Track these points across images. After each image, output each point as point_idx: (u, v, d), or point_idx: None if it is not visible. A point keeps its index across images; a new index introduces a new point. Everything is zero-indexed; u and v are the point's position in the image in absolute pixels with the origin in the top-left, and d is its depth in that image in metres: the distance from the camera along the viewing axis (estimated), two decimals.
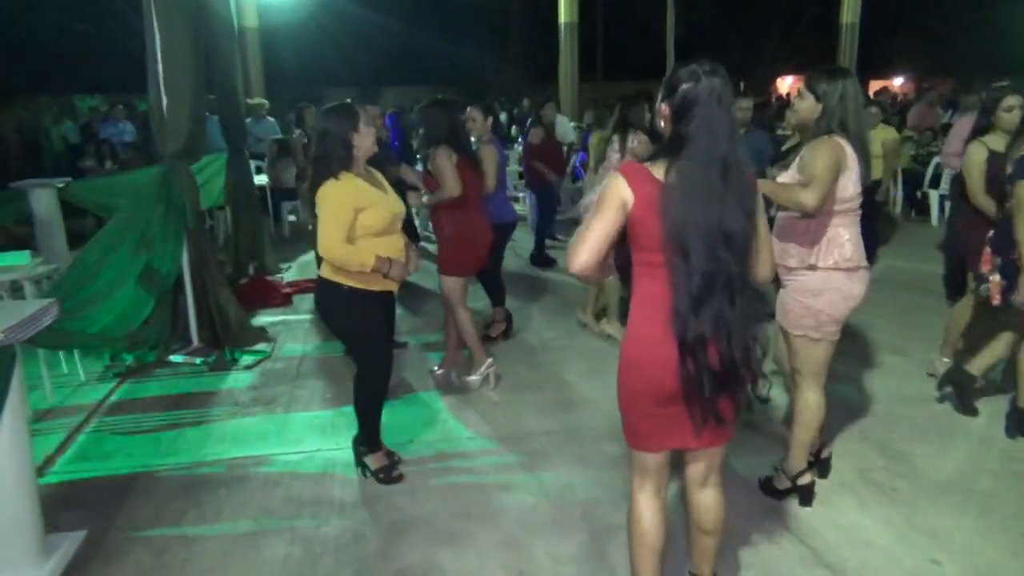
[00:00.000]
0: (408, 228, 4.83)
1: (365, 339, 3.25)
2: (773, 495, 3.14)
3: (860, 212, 2.96)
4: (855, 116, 2.86)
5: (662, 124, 2.08)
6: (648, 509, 2.21)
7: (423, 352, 5.02)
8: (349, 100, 3.38)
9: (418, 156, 7.87)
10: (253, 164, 9.36)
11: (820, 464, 3.27)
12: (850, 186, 2.86)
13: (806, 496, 3.09)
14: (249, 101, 10.38)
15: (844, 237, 2.92)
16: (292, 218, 9.66)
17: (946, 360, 4.32)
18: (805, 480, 3.09)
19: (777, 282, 2.99)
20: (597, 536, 2.91)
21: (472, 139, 4.76)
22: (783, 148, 5.38)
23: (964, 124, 5.59)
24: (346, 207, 2.99)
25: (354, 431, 3.85)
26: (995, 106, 4.07)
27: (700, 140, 1.95)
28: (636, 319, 2.07)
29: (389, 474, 3.36)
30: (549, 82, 15.17)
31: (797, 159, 2.94)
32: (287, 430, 3.92)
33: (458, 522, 3.04)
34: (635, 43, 14.63)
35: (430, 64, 21.07)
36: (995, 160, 3.97)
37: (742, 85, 23.17)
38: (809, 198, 2.73)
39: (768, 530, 2.93)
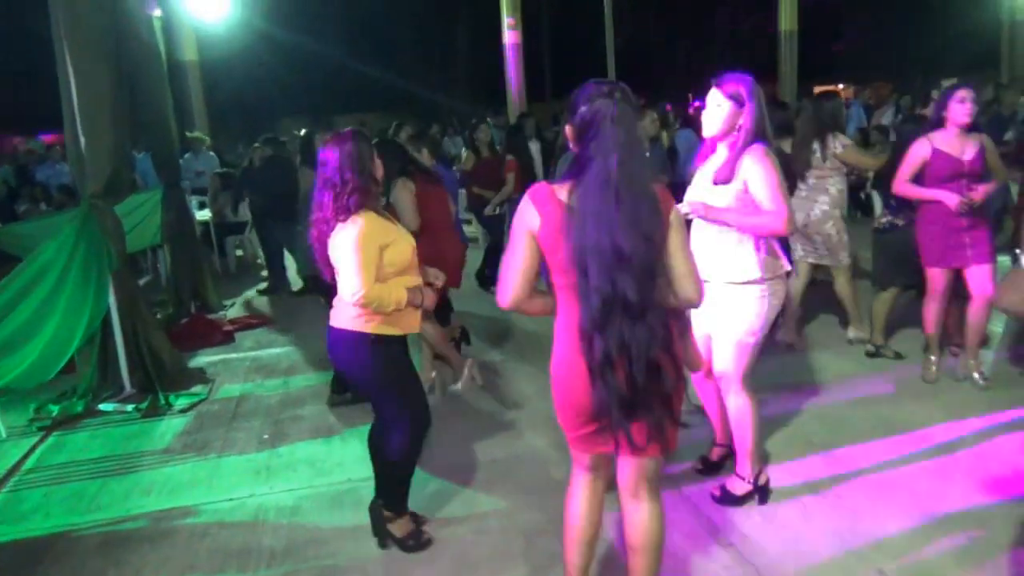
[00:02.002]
0: None
1: (401, 389, 2.88)
2: (733, 503, 3.10)
3: None
4: (768, 122, 2.91)
5: (570, 146, 2.09)
6: (578, 497, 2.27)
7: None
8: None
9: None
10: (196, 199, 9.20)
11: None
12: None
13: (765, 495, 3.11)
14: (188, 135, 10.22)
15: (776, 246, 3.01)
16: (239, 252, 9.47)
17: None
18: (763, 480, 3.12)
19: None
20: (538, 568, 2.81)
21: None
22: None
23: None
24: (373, 245, 2.67)
25: (292, 471, 3.72)
26: (948, 98, 4.00)
27: (596, 161, 1.94)
28: (557, 339, 2.11)
29: (419, 539, 2.97)
30: (500, 103, 15.19)
31: (717, 170, 2.91)
32: (218, 476, 3.75)
33: (394, 564, 2.91)
34: (582, 60, 14.77)
35: (378, 90, 20.99)
36: (940, 159, 3.95)
37: (690, 95, 23.45)
38: (779, 225, 2.77)
39: (711, 549, 2.85)
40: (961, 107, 3.92)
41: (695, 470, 3.37)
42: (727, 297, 2.94)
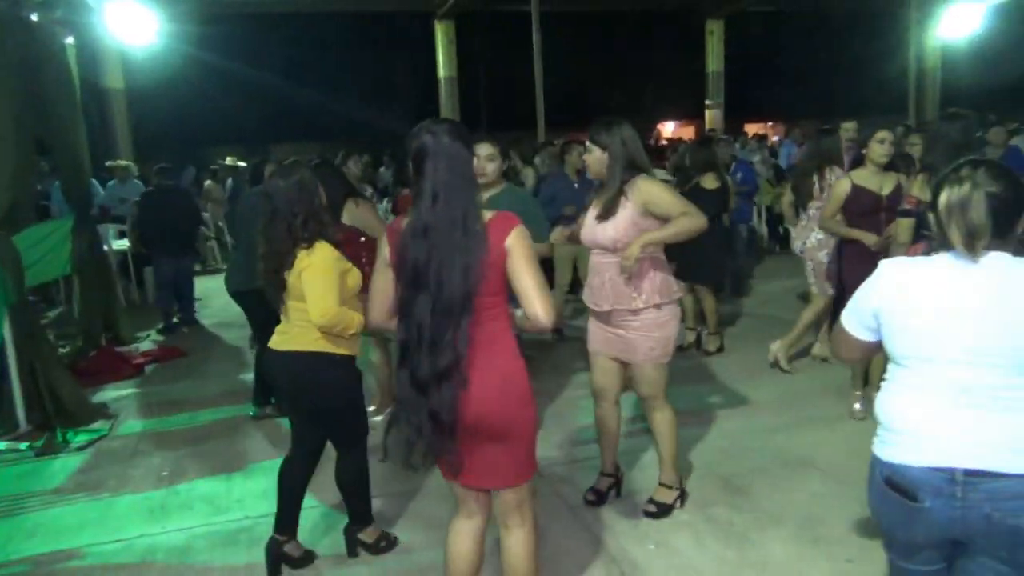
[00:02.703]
0: None
1: (360, 409, 3.02)
2: (666, 512, 3.29)
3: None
4: (640, 155, 3.09)
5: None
6: (456, 533, 2.31)
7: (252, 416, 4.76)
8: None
9: None
10: (115, 228, 8.94)
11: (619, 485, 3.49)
12: None
13: (685, 497, 3.39)
14: (109, 163, 9.97)
15: (670, 271, 3.18)
16: None
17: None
18: (684, 483, 3.42)
19: None
20: None
21: None
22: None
23: None
24: (336, 270, 2.78)
25: (188, 509, 3.62)
26: (869, 139, 4.29)
27: (423, 193, 2.04)
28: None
29: (389, 539, 3.17)
30: None
31: (602, 205, 3.07)
32: (110, 516, 3.60)
33: None
34: (518, 94, 15.14)
35: (317, 119, 20.88)
36: (861, 194, 4.18)
37: None
38: (699, 220, 2.98)
39: None
40: (880, 147, 4.21)
41: (587, 502, 3.41)
42: (642, 322, 3.08)
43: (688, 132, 24.40)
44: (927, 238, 3.51)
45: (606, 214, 3.04)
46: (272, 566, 2.97)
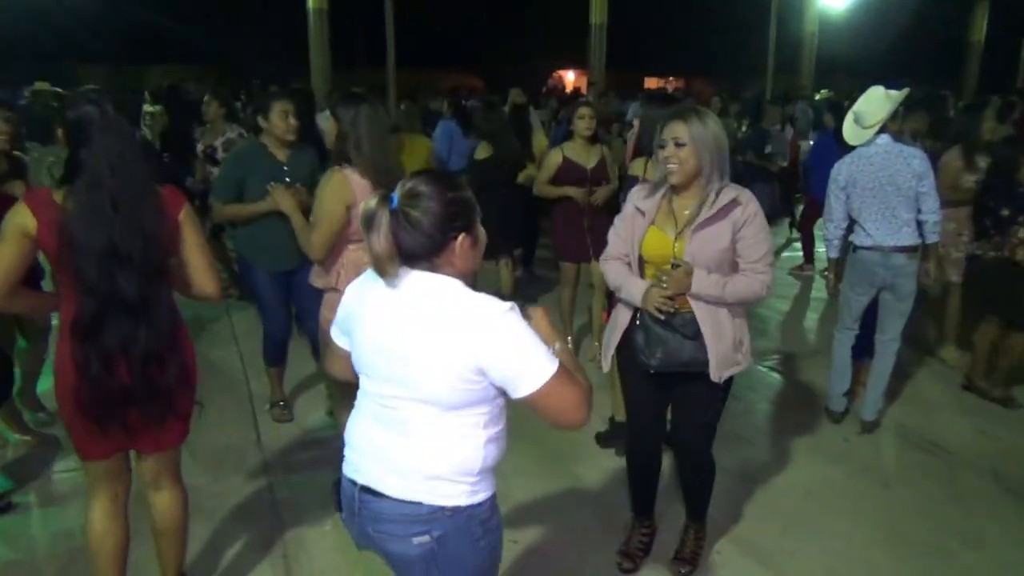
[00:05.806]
0: None
1: None
2: None
3: None
4: (370, 138, 2.89)
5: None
6: (100, 515, 2.26)
7: None
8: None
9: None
10: None
11: None
12: None
13: None
14: None
15: (364, 260, 2.94)
16: None
17: None
18: None
19: None
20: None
21: None
22: None
23: None
24: None
25: None
26: (573, 115, 4.66)
27: (87, 166, 1.99)
28: (61, 336, 2.12)
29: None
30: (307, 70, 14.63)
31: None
32: None
33: None
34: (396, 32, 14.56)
35: (187, 43, 19.49)
36: (571, 166, 4.51)
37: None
38: (314, 250, 2.86)
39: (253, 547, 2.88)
40: (581, 122, 4.50)
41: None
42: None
43: (585, 82, 24.30)
44: None
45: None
46: None
